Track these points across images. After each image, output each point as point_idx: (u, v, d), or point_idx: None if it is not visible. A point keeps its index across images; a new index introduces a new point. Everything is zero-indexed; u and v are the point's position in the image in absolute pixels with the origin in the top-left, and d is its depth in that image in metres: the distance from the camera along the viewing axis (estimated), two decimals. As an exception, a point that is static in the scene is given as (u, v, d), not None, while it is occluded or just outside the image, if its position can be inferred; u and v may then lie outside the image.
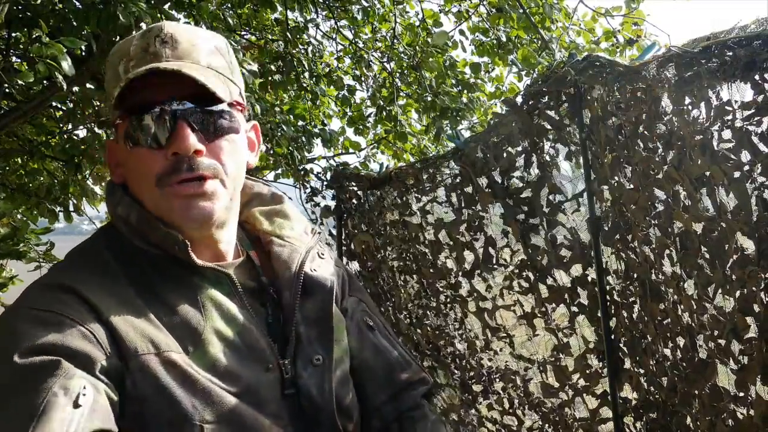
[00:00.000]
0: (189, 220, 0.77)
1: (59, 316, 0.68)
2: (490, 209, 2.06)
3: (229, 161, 0.79)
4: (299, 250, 0.89)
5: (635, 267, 1.54)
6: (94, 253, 0.79)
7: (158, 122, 0.76)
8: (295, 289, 0.85)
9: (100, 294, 0.72)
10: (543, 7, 3.26)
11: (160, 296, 0.76)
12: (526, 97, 1.86)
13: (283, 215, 0.94)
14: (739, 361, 1.24)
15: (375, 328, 0.96)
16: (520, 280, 1.97)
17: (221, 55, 0.83)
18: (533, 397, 2.04)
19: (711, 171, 1.27)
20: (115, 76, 0.80)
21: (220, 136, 0.79)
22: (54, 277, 0.75)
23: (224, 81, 0.80)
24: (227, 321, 0.78)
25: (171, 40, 0.78)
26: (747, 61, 1.21)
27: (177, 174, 0.76)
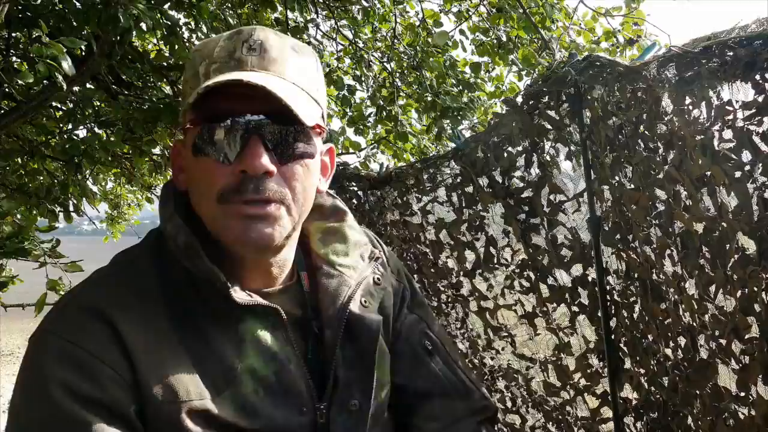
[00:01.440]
0: (246, 243, 0.72)
1: (93, 359, 0.66)
2: (491, 209, 2.06)
3: (299, 188, 0.74)
4: (349, 283, 0.82)
5: (636, 267, 1.54)
6: (141, 271, 0.75)
7: (230, 135, 0.70)
8: (337, 329, 0.79)
9: (136, 329, 0.69)
10: (543, 7, 3.26)
11: (199, 328, 0.72)
12: (526, 96, 1.86)
13: (341, 237, 0.87)
14: (741, 360, 1.24)
15: (434, 351, 0.89)
16: (521, 279, 1.98)
17: (309, 71, 0.77)
18: (535, 396, 2.04)
19: (712, 171, 1.27)
20: (194, 77, 0.75)
21: (295, 159, 0.73)
22: (92, 298, 0.71)
23: (308, 100, 0.75)
24: (266, 359, 0.74)
25: (260, 48, 0.73)
26: (748, 61, 1.21)
27: (241, 194, 0.71)
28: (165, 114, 2.65)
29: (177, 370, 0.69)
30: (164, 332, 0.70)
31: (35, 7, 2.57)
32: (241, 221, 0.71)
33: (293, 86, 0.73)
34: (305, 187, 0.75)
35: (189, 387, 0.68)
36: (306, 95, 0.75)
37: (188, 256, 0.73)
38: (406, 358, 0.87)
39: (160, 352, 0.69)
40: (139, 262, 0.76)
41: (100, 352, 0.66)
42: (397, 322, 0.89)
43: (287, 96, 0.69)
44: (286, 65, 0.74)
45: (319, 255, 0.85)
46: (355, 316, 0.81)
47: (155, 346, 0.69)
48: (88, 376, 0.65)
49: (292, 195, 0.73)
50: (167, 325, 0.71)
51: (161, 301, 0.72)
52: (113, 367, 0.66)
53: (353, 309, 0.81)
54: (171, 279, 0.74)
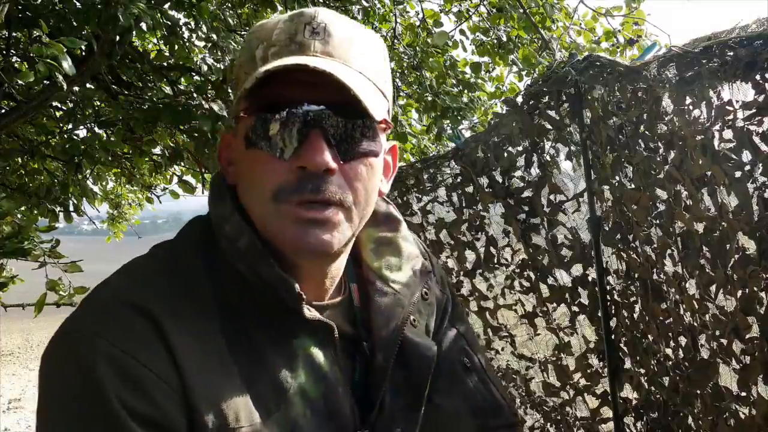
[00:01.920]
0: (302, 249, 0.64)
1: (144, 369, 0.58)
2: (491, 209, 2.07)
3: (362, 189, 0.66)
4: (403, 303, 0.75)
5: (636, 267, 1.54)
6: (189, 272, 0.66)
7: (288, 126, 0.62)
8: (389, 354, 0.73)
9: (187, 340, 0.61)
10: (543, 7, 3.26)
11: (251, 341, 0.65)
12: (526, 96, 1.86)
13: (395, 248, 0.79)
14: (741, 360, 1.24)
15: (472, 368, 0.83)
16: (521, 279, 1.98)
17: (377, 60, 0.69)
18: (534, 396, 2.04)
19: (712, 171, 1.27)
20: (250, 60, 0.67)
21: (359, 157, 0.65)
22: (138, 293, 0.63)
23: (375, 92, 0.66)
24: (316, 379, 0.67)
25: (323, 31, 0.65)
26: (748, 61, 1.22)
27: (299, 193, 0.63)
28: (165, 114, 2.64)
29: (227, 391, 0.61)
30: (215, 345, 0.63)
31: (35, 7, 2.57)
32: (298, 225, 0.63)
33: (360, 75, 0.65)
34: (368, 188, 0.67)
35: (239, 411, 0.62)
36: (373, 86, 0.66)
37: (250, 261, 0.65)
38: (444, 375, 0.81)
39: (211, 369, 0.62)
40: (186, 261, 0.67)
41: (153, 365, 0.59)
42: (437, 336, 0.82)
43: (355, 86, 0.61)
44: (351, 52, 0.65)
45: (371, 268, 0.77)
46: (408, 340, 0.74)
47: (206, 362, 0.62)
48: (142, 392, 0.58)
49: (353, 197, 0.65)
50: (218, 336, 0.63)
51: (212, 308, 0.64)
52: (168, 382, 0.59)
53: (408, 333, 0.74)
54: (222, 283, 0.66)
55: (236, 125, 0.69)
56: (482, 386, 0.84)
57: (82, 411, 0.58)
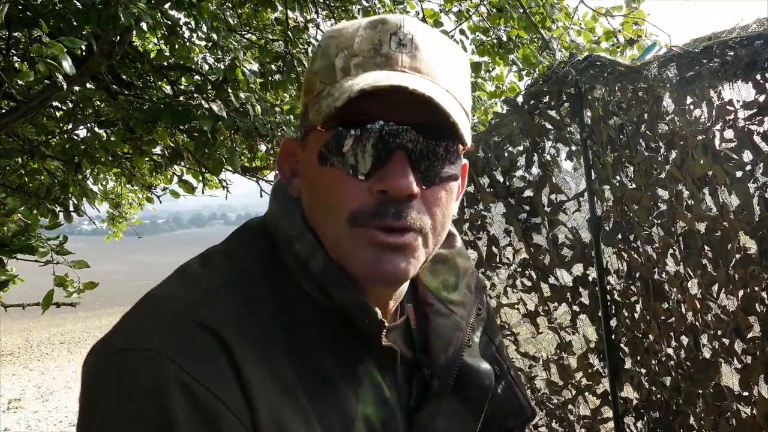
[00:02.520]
0: (377, 275, 0.60)
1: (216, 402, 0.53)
2: (493, 208, 2.07)
3: (440, 215, 0.62)
4: (461, 326, 0.72)
5: (638, 266, 1.54)
6: (253, 282, 0.62)
7: (372, 146, 0.58)
8: (447, 380, 0.70)
9: (257, 366, 0.57)
10: (543, 7, 3.26)
11: (317, 365, 0.62)
12: (526, 96, 1.86)
13: (451, 266, 0.75)
14: (743, 360, 1.24)
15: (501, 376, 0.81)
16: (523, 278, 1.98)
17: (463, 77, 0.64)
18: (539, 394, 2.05)
19: (713, 171, 1.27)
20: (329, 69, 0.62)
21: (441, 182, 0.61)
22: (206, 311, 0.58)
23: (461, 112, 0.61)
24: (378, 404, 0.64)
25: (410, 44, 0.60)
26: (748, 61, 1.22)
27: (379, 218, 0.59)
28: (165, 114, 2.65)
29: (295, 421, 0.58)
30: (283, 370, 0.59)
31: (35, 7, 2.57)
32: (374, 250, 0.60)
33: (448, 94, 0.60)
34: (445, 214, 0.63)
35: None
36: (459, 106, 0.62)
37: (325, 284, 0.62)
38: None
39: (281, 397, 0.58)
40: (255, 278, 0.62)
41: (223, 395, 0.54)
42: None
43: (448, 107, 0.57)
44: (439, 68, 0.61)
45: (429, 289, 0.74)
46: (468, 367, 0.71)
47: (275, 390, 0.58)
48: (213, 425, 0.53)
49: (431, 223, 0.61)
50: (286, 360, 0.59)
51: (281, 331, 0.60)
52: (237, 415, 0.54)
53: (467, 359, 0.71)
54: (290, 305, 0.62)
55: (306, 137, 0.65)
56: (509, 392, 0.83)
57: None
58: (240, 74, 2.53)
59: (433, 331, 0.71)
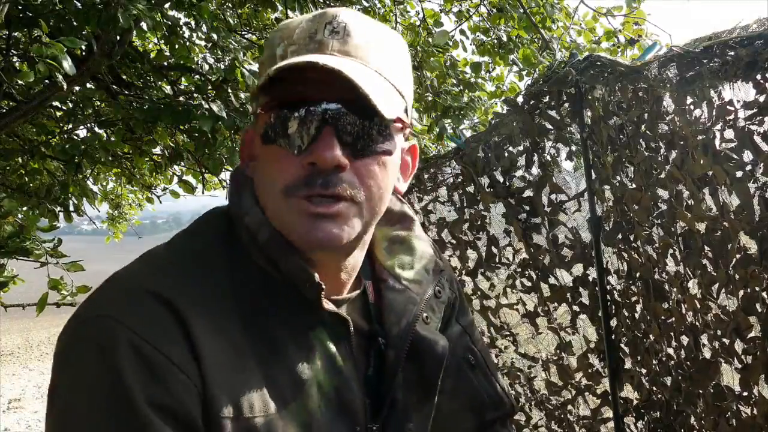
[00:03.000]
0: (310, 242, 0.65)
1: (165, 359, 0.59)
2: (493, 208, 2.07)
3: (374, 186, 0.66)
4: (415, 300, 0.77)
5: (638, 266, 1.54)
6: (211, 262, 0.67)
7: (303, 123, 0.64)
8: (401, 350, 0.74)
9: (207, 330, 0.62)
10: (544, 7, 3.26)
11: (269, 333, 0.66)
12: (527, 96, 1.86)
13: (407, 247, 0.80)
14: (743, 360, 1.24)
15: (476, 364, 0.86)
16: (523, 279, 1.98)
17: (397, 60, 0.70)
18: (539, 395, 2.05)
19: (713, 171, 1.27)
20: (271, 58, 0.69)
21: (372, 155, 0.66)
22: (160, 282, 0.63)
23: (391, 91, 0.68)
24: (330, 372, 0.69)
25: (343, 30, 0.66)
26: (749, 61, 1.21)
27: (309, 187, 0.64)
28: (165, 114, 2.64)
29: (244, 382, 0.63)
30: (234, 337, 0.64)
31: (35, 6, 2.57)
32: (307, 219, 0.65)
33: (376, 75, 0.66)
34: (381, 186, 0.67)
35: (254, 402, 0.63)
36: (389, 86, 0.67)
37: (270, 253, 0.67)
38: (450, 375, 0.83)
39: (229, 361, 0.63)
40: (210, 251, 0.68)
41: (173, 354, 0.60)
42: (446, 332, 0.83)
43: (367, 85, 0.62)
44: (370, 52, 0.67)
45: (384, 266, 0.79)
46: (420, 337, 0.75)
47: (224, 354, 0.63)
48: (162, 382, 0.59)
49: (365, 193, 0.66)
50: (237, 327, 0.64)
51: (232, 299, 0.65)
52: (186, 373, 0.60)
53: (419, 329, 0.75)
54: (242, 276, 0.67)
55: (255, 122, 0.71)
56: (485, 382, 0.86)
57: (100, 396, 0.58)
58: (240, 74, 2.53)
59: (386, 305, 0.76)
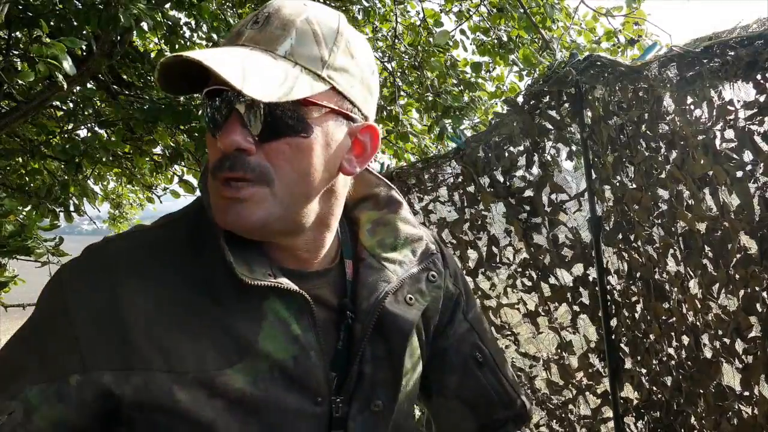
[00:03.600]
0: (225, 224, 0.69)
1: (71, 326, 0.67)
2: (493, 208, 2.07)
3: (287, 167, 0.68)
4: (389, 278, 0.78)
5: (639, 266, 1.54)
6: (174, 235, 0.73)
7: (214, 111, 0.68)
8: (367, 324, 0.75)
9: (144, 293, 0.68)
10: (544, 7, 3.26)
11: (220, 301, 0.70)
12: (527, 96, 1.86)
13: (391, 229, 0.82)
14: (744, 360, 1.24)
15: (484, 363, 0.86)
16: (524, 278, 1.98)
17: (319, 43, 0.70)
18: (539, 394, 2.05)
19: (714, 170, 1.27)
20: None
21: (279, 137, 0.68)
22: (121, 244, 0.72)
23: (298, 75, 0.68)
24: (286, 342, 0.70)
25: (264, 20, 0.69)
26: (749, 61, 1.21)
27: (220, 170, 0.68)
28: (165, 114, 2.65)
29: (182, 340, 0.67)
30: (179, 301, 0.68)
31: (35, 7, 2.57)
32: (220, 202, 0.69)
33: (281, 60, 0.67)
34: (297, 167, 0.69)
35: (188, 358, 0.67)
36: (298, 69, 0.68)
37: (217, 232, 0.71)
38: (456, 371, 0.84)
39: (168, 320, 0.67)
40: (176, 225, 0.75)
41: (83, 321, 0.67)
42: (450, 329, 0.85)
43: (245, 72, 0.63)
44: (284, 39, 0.68)
45: (364, 246, 0.81)
46: (388, 312, 0.77)
47: (162, 314, 0.67)
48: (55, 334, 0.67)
49: (277, 174, 0.68)
50: (185, 293, 0.69)
51: (187, 268, 0.70)
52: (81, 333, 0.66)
53: (388, 305, 0.77)
54: (202, 248, 0.72)
55: None
56: (494, 380, 0.87)
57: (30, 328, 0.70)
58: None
59: (360, 282, 0.78)
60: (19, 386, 0.65)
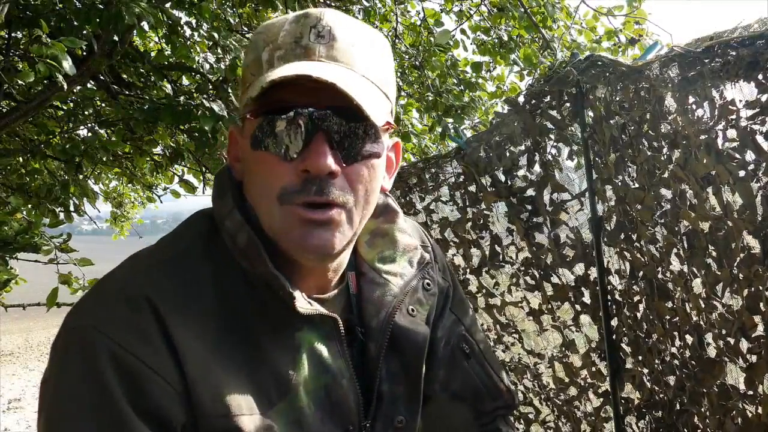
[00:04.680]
0: (306, 249, 0.66)
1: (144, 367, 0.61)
2: (495, 207, 2.07)
3: (363, 191, 0.67)
4: (394, 292, 0.77)
5: (642, 266, 1.54)
6: (194, 265, 0.68)
7: (293, 130, 0.64)
8: (381, 342, 0.74)
9: (189, 332, 0.63)
10: (544, 7, 3.26)
11: (253, 334, 0.67)
12: (528, 96, 1.86)
13: (389, 240, 0.81)
14: (748, 359, 1.24)
15: (471, 354, 0.86)
16: (526, 277, 1.98)
17: (381, 61, 0.70)
18: (547, 389, 2.05)
19: (716, 170, 1.27)
20: (256, 62, 0.68)
21: (361, 160, 0.66)
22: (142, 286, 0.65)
23: (378, 95, 0.68)
24: (319, 371, 0.69)
25: (329, 35, 0.66)
26: (750, 61, 1.21)
27: (304, 194, 0.64)
28: (165, 114, 2.64)
29: (229, 381, 0.64)
30: (218, 337, 0.65)
31: (36, 6, 2.57)
32: (302, 225, 0.65)
33: (363, 80, 0.66)
34: (369, 189, 0.68)
35: (241, 401, 0.63)
36: (376, 89, 0.68)
37: (248, 257, 0.67)
38: (444, 363, 0.84)
39: (213, 360, 0.64)
40: (192, 254, 0.69)
41: (153, 361, 0.61)
42: (438, 322, 0.85)
43: (358, 93, 0.62)
44: (356, 56, 0.67)
45: (365, 259, 0.80)
46: (400, 328, 0.76)
47: (208, 354, 0.63)
48: (141, 387, 0.60)
49: (355, 198, 0.67)
50: (221, 329, 0.65)
51: (215, 301, 0.66)
52: (165, 377, 0.61)
53: (398, 320, 0.76)
54: (225, 278, 0.68)
55: (243, 125, 0.71)
56: (481, 371, 0.87)
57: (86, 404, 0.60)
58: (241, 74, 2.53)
59: (365, 298, 0.77)
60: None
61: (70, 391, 0.61)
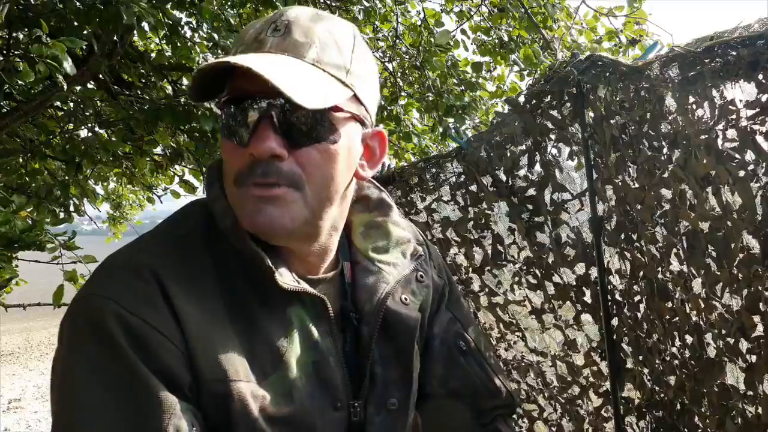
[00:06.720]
0: (256, 225, 0.69)
1: (151, 329, 0.64)
2: (496, 207, 2.07)
3: (317, 173, 0.70)
4: (387, 280, 0.80)
5: (642, 266, 1.54)
6: (193, 245, 0.72)
7: (243, 118, 0.68)
8: (373, 326, 0.77)
9: (188, 299, 0.67)
10: (545, 7, 3.26)
11: (248, 309, 0.71)
12: (528, 96, 1.86)
13: (383, 232, 0.85)
14: (747, 359, 1.24)
15: (468, 351, 0.88)
16: (528, 276, 1.98)
17: (340, 51, 0.72)
18: (550, 387, 2.06)
19: (716, 170, 1.27)
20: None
21: (309, 144, 0.69)
22: (146, 260, 0.69)
23: (328, 82, 0.70)
24: (309, 347, 0.73)
25: (285, 28, 0.70)
26: (750, 61, 1.22)
27: (251, 176, 0.69)
28: (165, 114, 2.65)
29: (226, 348, 0.67)
30: (215, 308, 0.69)
31: (36, 6, 2.57)
32: (252, 203, 0.69)
33: (311, 67, 0.69)
34: (327, 174, 0.71)
35: (237, 367, 0.67)
36: (327, 76, 0.70)
37: (235, 238, 0.72)
38: (441, 360, 0.86)
39: (211, 328, 0.67)
40: (191, 234, 0.74)
41: (158, 323, 0.65)
42: (434, 319, 0.87)
43: (287, 78, 0.65)
44: (309, 46, 0.70)
45: (359, 249, 0.83)
46: (392, 313, 0.79)
47: (206, 322, 0.67)
48: (151, 349, 0.64)
49: (308, 180, 0.70)
50: (218, 301, 0.69)
51: (213, 276, 0.71)
52: (172, 340, 0.65)
53: (390, 306, 0.79)
54: (221, 257, 0.72)
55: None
56: (479, 369, 0.89)
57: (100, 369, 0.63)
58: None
59: (359, 284, 0.80)
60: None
61: (82, 355, 0.64)
